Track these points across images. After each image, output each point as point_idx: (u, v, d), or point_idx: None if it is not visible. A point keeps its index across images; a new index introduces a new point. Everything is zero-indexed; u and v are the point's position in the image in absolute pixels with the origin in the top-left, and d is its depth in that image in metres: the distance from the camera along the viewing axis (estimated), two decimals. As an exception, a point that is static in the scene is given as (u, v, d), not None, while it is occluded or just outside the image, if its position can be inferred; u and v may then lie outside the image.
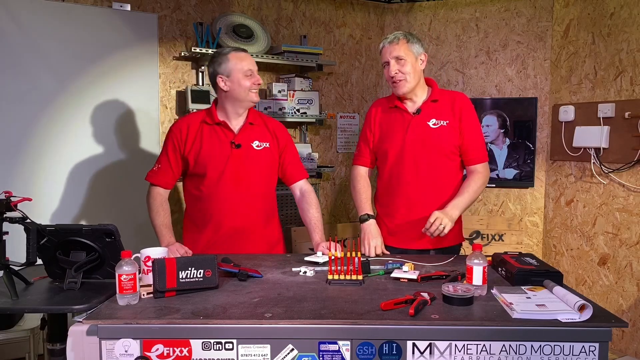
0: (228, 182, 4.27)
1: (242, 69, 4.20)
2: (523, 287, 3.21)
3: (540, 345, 2.72)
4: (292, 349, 2.72)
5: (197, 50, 6.01)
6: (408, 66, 4.20)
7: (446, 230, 4.01)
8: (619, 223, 6.14)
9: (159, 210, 4.29)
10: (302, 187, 4.56)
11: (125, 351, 2.71)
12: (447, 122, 4.30)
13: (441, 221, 3.98)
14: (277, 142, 4.46)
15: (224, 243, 4.30)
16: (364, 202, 4.52)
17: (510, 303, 2.88)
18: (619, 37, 6.06)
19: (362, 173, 4.62)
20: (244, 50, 4.31)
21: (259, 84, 4.27)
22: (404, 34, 4.27)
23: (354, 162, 4.71)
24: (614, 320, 2.75)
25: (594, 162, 6.33)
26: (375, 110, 4.56)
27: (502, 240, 6.99)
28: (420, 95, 4.39)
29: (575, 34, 6.62)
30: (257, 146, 4.34)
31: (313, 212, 4.45)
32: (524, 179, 7.14)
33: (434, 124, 4.29)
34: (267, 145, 4.39)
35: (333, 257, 3.53)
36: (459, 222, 4.44)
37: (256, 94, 4.28)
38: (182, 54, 6.23)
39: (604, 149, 6.18)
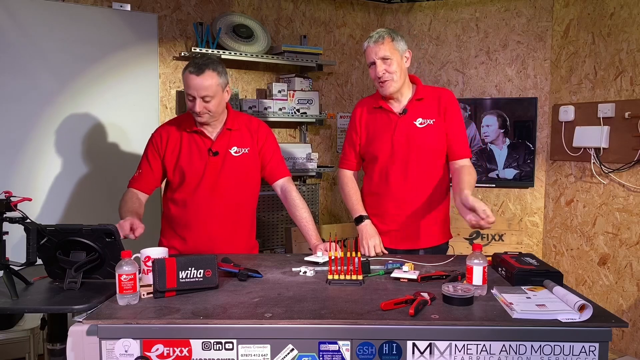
0: (205, 189, 4.25)
1: (186, 91, 4.05)
2: (523, 287, 3.21)
3: (540, 345, 2.72)
4: (292, 349, 2.72)
5: (197, 50, 6.04)
6: (394, 65, 4.17)
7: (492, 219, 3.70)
8: (619, 223, 6.16)
9: (127, 201, 4.15)
10: (282, 186, 4.48)
11: (125, 351, 2.71)
12: (434, 120, 4.30)
13: (489, 216, 3.64)
14: (257, 143, 4.40)
15: (200, 249, 4.25)
16: (356, 204, 4.51)
17: (510, 303, 2.88)
18: (619, 37, 6.08)
19: (349, 176, 4.62)
20: (202, 70, 3.99)
21: (196, 112, 4.06)
22: (388, 32, 4.23)
23: (340, 166, 4.69)
24: (614, 320, 2.75)
25: (594, 162, 6.36)
26: (360, 111, 4.54)
27: (502, 240, 6.99)
28: (406, 94, 4.38)
29: (575, 34, 6.64)
30: (236, 152, 4.29)
31: (302, 214, 4.37)
32: (524, 179, 7.16)
33: (421, 124, 4.28)
34: (247, 151, 4.33)
35: (333, 257, 3.52)
36: (446, 220, 4.51)
37: (202, 116, 4.10)
38: (182, 54, 6.27)
39: (604, 149, 6.21)
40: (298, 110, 6.90)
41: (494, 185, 7.28)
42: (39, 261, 3.29)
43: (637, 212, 5.94)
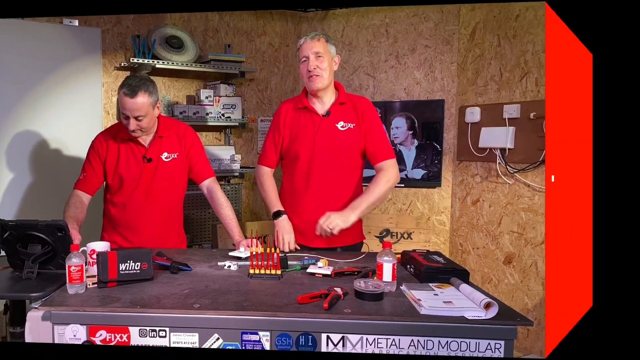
0: (141, 193, 4.53)
1: (121, 110, 4.34)
2: (431, 284, 3.35)
3: (448, 341, 2.86)
4: (218, 338, 2.97)
5: (135, 60, 6.39)
6: (325, 63, 4.40)
7: (335, 231, 4.21)
8: (524, 222, 6.38)
9: (70, 206, 4.42)
10: (208, 186, 4.77)
11: (74, 335, 2.94)
12: (354, 125, 4.52)
13: (330, 223, 4.19)
14: (184, 147, 4.68)
15: (138, 245, 4.50)
16: (275, 199, 4.67)
17: (418, 299, 3.02)
18: (524, 39, 6.28)
19: (268, 172, 4.78)
20: (135, 92, 4.25)
21: (131, 130, 4.36)
22: (324, 34, 4.49)
23: (259, 162, 4.86)
24: (519, 318, 2.89)
25: (499, 163, 6.57)
26: (286, 109, 4.70)
27: (411, 239, 7.18)
28: (330, 97, 4.60)
29: (481, 36, 6.87)
30: (166, 158, 4.56)
31: (226, 212, 4.63)
32: (432, 179, 7.42)
33: (342, 127, 4.51)
34: (176, 156, 4.62)
35: (254, 253, 3.69)
36: (358, 222, 4.61)
37: (135, 132, 4.40)
38: (122, 65, 6.61)
39: (509, 149, 6.40)
40: (223, 115, 7.16)
41: (403, 185, 7.53)
42: (3, 253, 3.62)
43: (542, 211, 6.06)
